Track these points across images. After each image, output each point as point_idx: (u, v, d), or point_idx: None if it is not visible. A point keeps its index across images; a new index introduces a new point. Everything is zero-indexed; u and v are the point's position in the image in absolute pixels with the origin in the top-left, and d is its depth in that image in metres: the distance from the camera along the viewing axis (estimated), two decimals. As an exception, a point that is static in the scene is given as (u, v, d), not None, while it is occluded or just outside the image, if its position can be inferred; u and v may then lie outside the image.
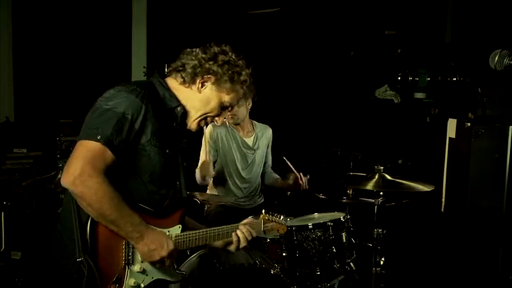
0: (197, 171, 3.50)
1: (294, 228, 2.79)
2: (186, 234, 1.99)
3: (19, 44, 5.11)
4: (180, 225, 1.99)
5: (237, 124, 3.58)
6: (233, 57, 2.02)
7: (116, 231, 1.79)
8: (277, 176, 3.75)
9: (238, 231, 2.14)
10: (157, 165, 1.89)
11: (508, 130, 3.01)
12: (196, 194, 3.28)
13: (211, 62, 1.96)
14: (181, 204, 2.04)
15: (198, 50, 2.00)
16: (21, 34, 5.10)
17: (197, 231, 2.03)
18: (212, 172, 3.41)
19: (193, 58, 1.98)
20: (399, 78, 4.30)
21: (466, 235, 3.32)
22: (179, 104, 1.98)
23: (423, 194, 2.80)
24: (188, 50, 2.02)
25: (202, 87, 1.98)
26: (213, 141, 3.52)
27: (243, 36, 5.85)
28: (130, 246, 1.85)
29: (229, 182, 3.55)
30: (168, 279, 1.97)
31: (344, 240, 2.82)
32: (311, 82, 5.63)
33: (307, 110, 5.64)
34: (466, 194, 3.29)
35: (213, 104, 2.00)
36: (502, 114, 3.12)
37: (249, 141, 3.61)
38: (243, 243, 2.15)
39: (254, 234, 2.19)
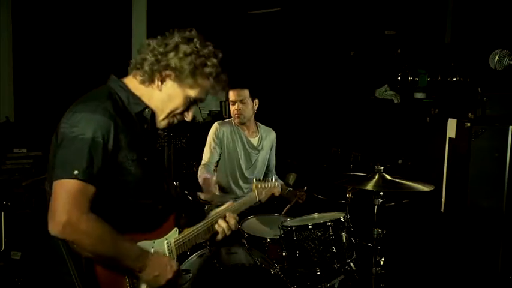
0: (200, 170, 3.49)
1: (294, 228, 2.79)
2: (186, 234, 1.96)
3: (19, 44, 5.11)
4: (177, 228, 1.94)
5: (242, 124, 3.59)
6: (197, 45, 1.80)
7: (116, 266, 1.71)
8: (280, 182, 3.75)
9: (217, 224, 2.10)
10: (139, 177, 1.77)
11: (508, 130, 3.01)
12: (198, 193, 3.28)
13: (170, 55, 1.77)
14: (172, 207, 1.96)
15: (156, 42, 1.81)
16: (21, 34, 5.10)
17: (195, 227, 2.00)
18: (214, 190, 3.38)
19: (150, 53, 1.79)
20: (399, 78, 4.30)
21: (466, 235, 3.32)
22: (145, 106, 1.83)
23: (423, 194, 2.79)
24: (147, 42, 1.83)
25: (162, 84, 1.81)
26: (219, 140, 3.53)
27: (243, 36, 5.85)
28: (133, 279, 1.77)
29: (231, 181, 3.56)
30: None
31: (344, 240, 2.82)
32: (311, 82, 5.62)
33: (307, 110, 5.64)
34: (466, 194, 3.29)
35: (178, 101, 1.84)
36: (502, 114, 3.12)
37: (254, 141, 3.64)
38: (227, 231, 2.12)
39: (243, 208, 2.24)
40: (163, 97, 1.83)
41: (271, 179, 2.57)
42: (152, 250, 1.83)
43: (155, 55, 1.78)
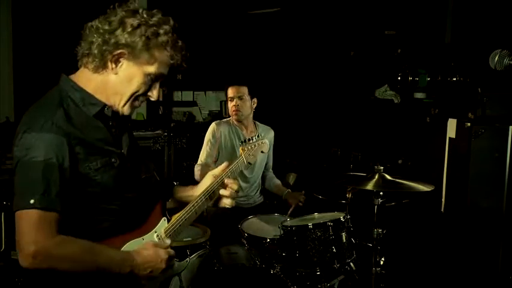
0: (196, 169, 3.50)
1: (294, 228, 2.79)
2: (175, 221, 1.84)
3: (19, 44, 5.11)
4: (165, 218, 1.84)
5: (240, 122, 3.59)
6: (144, 15, 1.62)
7: (105, 274, 1.63)
8: (278, 182, 3.75)
9: (222, 190, 1.97)
10: (110, 180, 1.66)
11: (508, 130, 3.01)
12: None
13: (118, 32, 1.59)
14: (156, 196, 1.86)
15: (98, 21, 1.63)
16: (21, 34, 5.10)
17: (183, 211, 1.86)
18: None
19: (96, 35, 1.61)
20: (399, 78, 4.30)
21: (466, 235, 3.32)
22: (103, 104, 1.68)
23: (423, 194, 2.79)
24: (89, 24, 1.65)
25: (116, 66, 1.64)
26: (216, 140, 3.53)
27: (243, 36, 5.85)
28: None
29: (230, 180, 3.55)
30: (173, 273, 1.95)
31: (344, 240, 2.82)
32: (311, 82, 5.63)
33: (307, 110, 5.64)
34: (466, 194, 3.29)
35: (137, 81, 1.66)
36: (502, 114, 3.12)
37: None
38: (233, 193, 1.99)
39: (238, 170, 2.08)
40: (121, 80, 1.65)
41: (255, 139, 2.35)
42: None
43: (101, 34, 1.61)
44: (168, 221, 1.85)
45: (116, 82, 1.66)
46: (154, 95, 1.74)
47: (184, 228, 1.88)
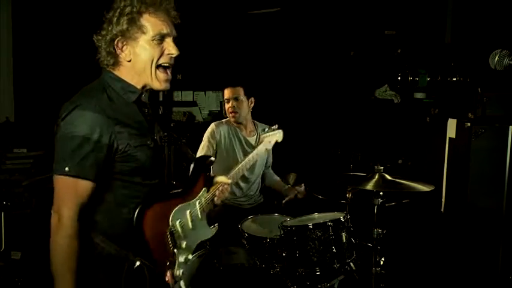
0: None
1: (294, 228, 2.79)
2: (212, 192, 2.21)
3: (19, 44, 5.11)
4: (205, 188, 2.15)
5: (239, 123, 3.59)
6: (115, 4, 1.83)
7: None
8: (277, 178, 3.75)
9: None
10: (147, 161, 1.85)
11: (508, 130, 3.01)
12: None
13: (110, 28, 1.82)
14: (199, 168, 2.15)
15: (104, 26, 1.86)
16: (21, 34, 5.10)
17: (219, 181, 2.29)
18: None
19: (100, 37, 1.86)
20: (399, 78, 4.30)
21: (466, 235, 3.32)
22: (140, 91, 1.90)
23: (423, 194, 2.79)
24: (95, 37, 1.89)
25: (124, 53, 1.84)
26: (215, 140, 3.53)
27: (243, 36, 5.85)
28: (174, 231, 1.93)
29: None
30: (207, 237, 2.19)
31: (344, 240, 2.82)
32: (311, 82, 5.63)
33: (307, 110, 5.64)
34: (466, 194, 3.30)
35: (145, 52, 1.83)
36: (502, 114, 3.13)
37: (252, 140, 3.63)
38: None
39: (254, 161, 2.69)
40: (135, 60, 1.84)
41: (274, 128, 2.79)
42: (187, 212, 2.03)
43: (103, 36, 1.84)
44: (208, 191, 2.18)
45: (133, 65, 1.85)
46: (170, 50, 1.86)
47: (224, 197, 2.33)
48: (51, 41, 5.09)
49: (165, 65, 1.88)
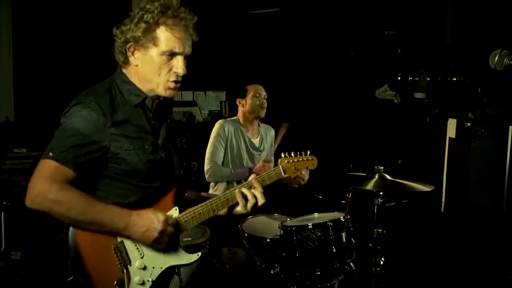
0: (210, 170, 3.47)
1: (294, 228, 2.79)
2: (186, 214, 1.86)
3: (19, 44, 5.11)
4: (176, 207, 1.87)
5: (262, 118, 3.61)
6: (147, 6, 1.82)
7: (102, 230, 1.73)
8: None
9: (243, 189, 1.98)
10: (140, 165, 1.83)
11: (508, 130, 3.01)
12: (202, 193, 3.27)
13: (128, 28, 1.82)
14: (172, 183, 1.92)
15: (125, 21, 1.87)
16: (21, 34, 5.10)
17: (199, 206, 1.89)
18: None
19: (119, 33, 1.86)
20: (399, 78, 4.30)
21: (466, 235, 3.32)
22: (145, 96, 1.89)
23: (423, 194, 2.79)
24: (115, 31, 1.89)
25: (134, 58, 1.85)
26: (224, 135, 3.52)
27: (243, 36, 5.85)
28: (122, 247, 1.78)
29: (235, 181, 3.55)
30: (181, 263, 1.86)
31: (344, 240, 2.82)
32: (311, 82, 5.62)
33: (307, 110, 5.64)
34: (466, 194, 3.30)
35: (154, 63, 1.83)
36: (502, 114, 3.13)
37: (256, 142, 3.65)
38: (256, 201, 2.00)
39: (268, 182, 2.05)
40: (143, 67, 1.85)
41: (300, 153, 2.31)
42: None
43: (117, 37, 1.87)
44: (180, 211, 1.87)
45: (141, 71, 1.86)
46: (178, 69, 1.86)
47: (197, 222, 1.89)
48: (51, 41, 5.09)
49: (170, 77, 1.87)
